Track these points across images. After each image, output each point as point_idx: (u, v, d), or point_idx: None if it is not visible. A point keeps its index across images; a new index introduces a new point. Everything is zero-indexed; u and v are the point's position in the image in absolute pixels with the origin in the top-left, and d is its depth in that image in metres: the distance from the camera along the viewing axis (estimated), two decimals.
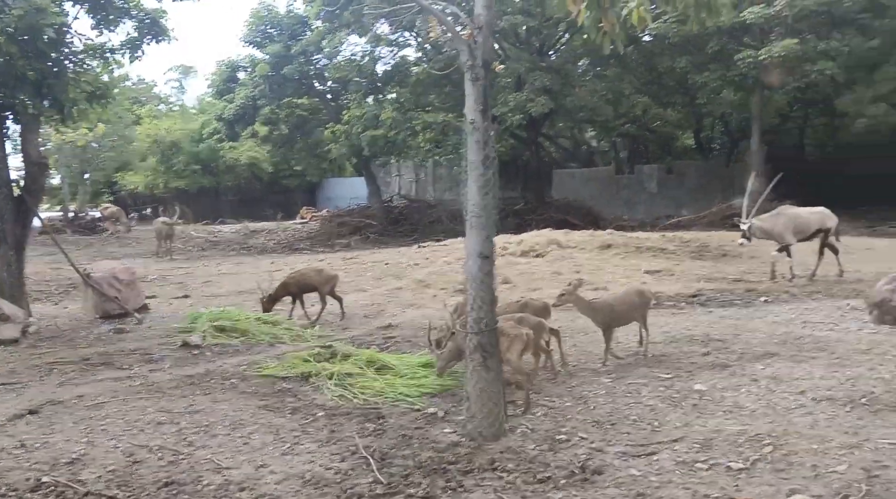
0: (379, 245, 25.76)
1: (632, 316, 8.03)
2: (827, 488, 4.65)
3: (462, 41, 5.66)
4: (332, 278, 11.24)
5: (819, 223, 13.69)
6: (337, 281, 11.35)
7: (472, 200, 5.76)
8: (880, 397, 6.26)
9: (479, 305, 5.76)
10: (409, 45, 28.81)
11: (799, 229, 13.53)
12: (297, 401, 6.98)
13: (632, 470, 5.11)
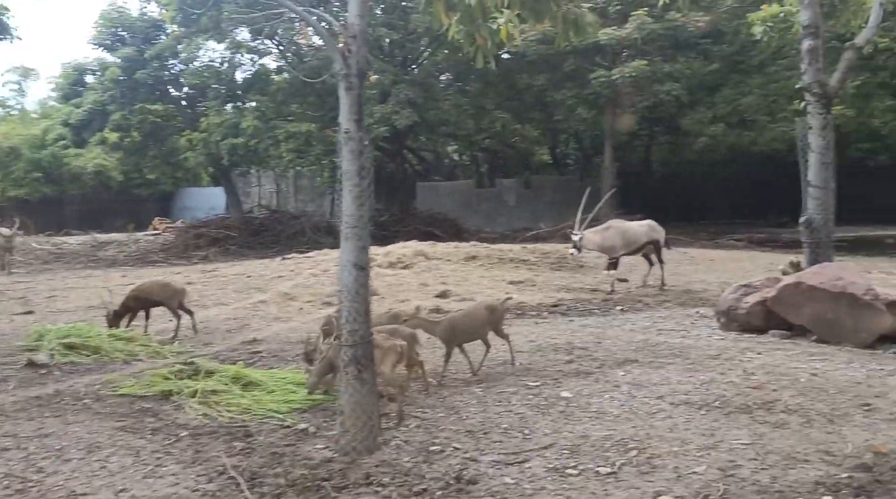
0: (240, 257, 25.07)
1: (480, 331, 7.92)
2: (688, 489, 4.86)
3: (336, 50, 5.59)
4: (178, 292, 10.74)
5: (647, 236, 14.24)
6: (185, 295, 10.86)
7: (346, 210, 5.69)
8: (731, 399, 6.63)
9: (353, 318, 5.69)
10: (270, 52, 28.28)
11: (628, 242, 14.01)
12: (158, 421, 6.65)
13: (505, 478, 5.17)
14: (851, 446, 5.48)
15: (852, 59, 9.84)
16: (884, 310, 8.56)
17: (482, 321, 7.93)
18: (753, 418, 6.19)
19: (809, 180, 9.58)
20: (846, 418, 6.11)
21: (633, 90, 24.62)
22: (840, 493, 4.72)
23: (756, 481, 4.93)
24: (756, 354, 8.21)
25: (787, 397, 6.62)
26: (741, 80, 24.47)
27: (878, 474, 4.99)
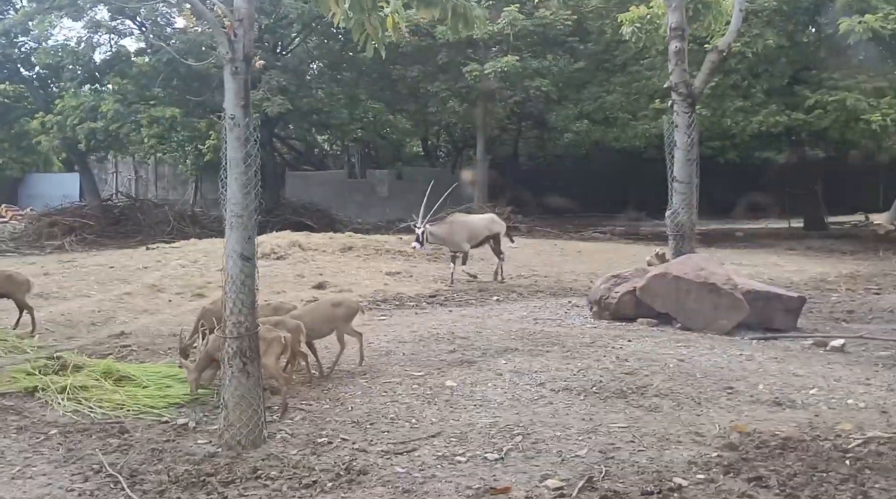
0: (99, 247, 23.84)
1: (327, 327, 7.70)
2: (573, 472, 5.04)
3: (222, 34, 5.42)
4: (24, 284, 10.11)
5: (488, 229, 14.45)
6: (29, 288, 10.23)
7: (232, 199, 5.54)
8: (607, 385, 6.91)
9: (239, 309, 5.56)
10: (131, 33, 27.01)
11: (471, 236, 14.16)
12: (23, 419, 6.27)
13: (396, 468, 5.19)
14: (718, 427, 5.83)
15: (715, 61, 10.43)
16: (741, 298, 9.14)
17: (327, 318, 7.71)
18: (628, 402, 6.48)
19: (675, 176, 10.10)
20: (712, 401, 6.48)
21: (504, 85, 25.10)
22: (711, 471, 5.00)
23: (635, 462, 5.16)
24: (627, 341, 8.58)
25: (658, 381, 6.96)
26: (606, 79, 25.41)
27: (743, 452, 5.32)
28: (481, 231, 14.31)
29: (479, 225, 14.40)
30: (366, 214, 33.94)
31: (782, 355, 8.14)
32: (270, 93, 22.86)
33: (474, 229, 14.23)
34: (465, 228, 14.05)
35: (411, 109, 28.04)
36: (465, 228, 14.05)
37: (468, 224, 14.26)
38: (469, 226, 14.20)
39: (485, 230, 14.35)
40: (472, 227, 14.23)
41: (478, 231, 14.27)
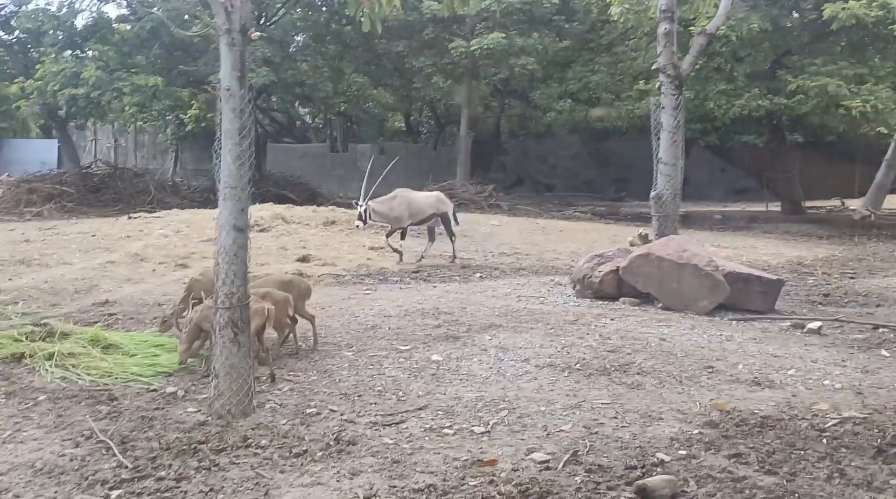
0: (78, 215, 23.64)
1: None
2: (558, 446, 5.15)
3: (219, 4, 5.42)
4: None
5: (434, 208, 14.06)
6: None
7: (225, 170, 5.57)
8: (590, 362, 7.03)
9: (231, 280, 5.59)
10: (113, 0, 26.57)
11: (414, 213, 13.82)
12: (11, 385, 6.29)
13: (384, 439, 5.28)
14: (699, 405, 5.97)
15: (703, 44, 10.52)
16: (722, 280, 9.29)
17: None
18: (612, 379, 6.60)
19: (660, 157, 10.20)
20: (693, 380, 6.62)
21: (489, 62, 25.06)
22: (693, 447, 5.13)
23: (618, 438, 5.29)
24: (610, 320, 8.71)
25: (641, 360, 7.09)
26: (591, 59, 25.42)
27: (723, 429, 5.46)
28: (425, 208, 13.96)
29: (423, 202, 14.06)
30: (347, 188, 33.80)
31: (761, 336, 8.30)
32: (255, 64, 22.67)
33: (417, 206, 13.89)
34: (406, 204, 13.71)
35: (396, 84, 27.90)
36: (406, 203, 13.72)
37: (411, 200, 13.88)
38: (411, 203, 13.84)
39: (429, 208, 14.01)
40: (414, 204, 13.88)
41: (421, 208, 13.93)
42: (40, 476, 4.61)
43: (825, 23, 20.02)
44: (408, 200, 13.78)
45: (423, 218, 14.01)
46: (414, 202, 13.88)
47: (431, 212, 13.99)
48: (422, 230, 15.12)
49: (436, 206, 14.09)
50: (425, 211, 13.93)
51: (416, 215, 13.84)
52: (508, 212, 24.40)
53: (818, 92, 20.01)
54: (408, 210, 13.66)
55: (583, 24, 25.80)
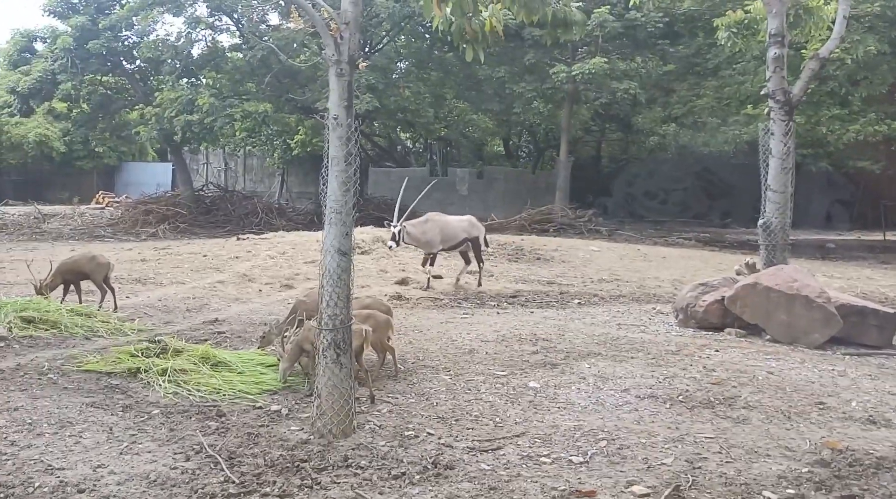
0: (190, 236, 24.73)
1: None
2: (659, 480, 5.04)
3: (329, 36, 5.61)
4: (104, 266, 10.62)
5: (466, 232, 13.59)
6: (110, 269, 10.73)
7: (332, 195, 5.73)
8: (694, 394, 6.86)
9: (335, 302, 5.74)
10: (227, 29, 27.77)
11: (447, 238, 13.33)
12: (128, 398, 6.61)
13: (481, 465, 5.29)
14: (809, 443, 5.73)
15: (815, 68, 10.18)
16: (835, 312, 8.91)
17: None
18: (716, 413, 6.42)
19: (769, 184, 9.90)
20: (802, 416, 6.37)
21: (591, 86, 24.93)
22: (802, 486, 4.94)
23: (722, 474, 5.14)
24: (714, 351, 8.48)
25: (747, 393, 6.87)
26: (696, 82, 24.96)
27: (835, 469, 5.23)
28: (458, 233, 13.47)
29: (455, 227, 13.53)
30: (444, 211, 34.08)
31: (876, 373, 7.92)
32: (360, 91, 23.25)
33: (450, 231, 13.39)
34: (439, 229, 13.23)
35: (496, 109, 28.06)
36: (438, 228, 13.23)
37: (443, 225, 13.37)
38: (444, 227, 13.33)
39: (462, 233, 13.51)
40: (447, 228, 13.37)
41: (454, 233, 13.43)
42: (154, 488, 4.82)
43: None
44: (440, 224, 13.37)
45: (454, 243, 13.54)
46: (447, 227, 13.42)
47: (464, 237, 13.56)
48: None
49: (468, 230, 13.66)
50: (458, 236, 13.50)
51: (448, 241, 13.37)
52: (608, 237, 24.10)
53: None
54: (440, 235, 13.21)
55: (688, 48, 25.36)
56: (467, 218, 14.02)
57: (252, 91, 27.68)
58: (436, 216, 13.58)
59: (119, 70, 29.27)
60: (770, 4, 9.74)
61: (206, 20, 25.72)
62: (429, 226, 13.19)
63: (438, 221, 13.43)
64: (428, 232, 13.11)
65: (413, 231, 12.95)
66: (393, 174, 38.68)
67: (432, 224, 13.25)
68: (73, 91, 28.39)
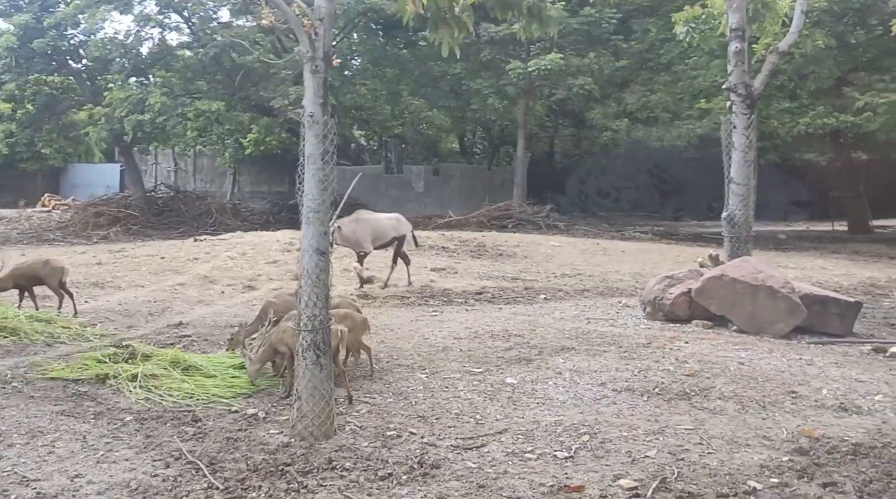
0: (143, 238, 24.23)
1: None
2: (644, 472, 5.07)
3: (303, 32, 5.52)
4: (59, 270, 10.32)
5: (395, 230, 13.17)
6: (65, 273, 10.42)
7: (309, 194, 5.65)
8: (669, 386, 6.92)
9: (314, 302, 5.66)
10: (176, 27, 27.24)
11: (378, 236, 12.90)
12: (98, 405, 6.44)
13: (467, 463, 5.26)
14: (786, 431, 5.82)
15: (775, 62, 10.36)
16: (799, 302, 9.08)
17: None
18: (692, 404, 6.49)
19: (732, 177, 10.04)
20: (776, 405, 6.47)
21: (547, 83, 25.06)
22: (784, 475, 5.01)
23: (706, 465, 5.19)
24: (684, 343, 8.57)
25: (721, 384, 6.96)
26: (650, 78, 25.27)
27: (814, 457, 5.32)
28: (388, 231, 13.05)
29: (386, 225, 13.11)
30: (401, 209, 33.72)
31: (842, 360, 8.08)
32: None
33: (381, 229, 12.95)
34: (370, 228, 12.76)
35: (452, 106, 28.05)
36: (370, 227, 12.75)
37: (374, 223, 12.91)
38: (375, 225, 12.86)
39: (392, 231, 13.10)
40: (378, 226, 12.92)
41: (385, 231, 13.01)
42: (135, 496, 4.70)
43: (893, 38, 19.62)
44: (371, 222, 12.86)
45: (385, 242, 13.12)
46: (378, 225, 12.97)
47: (393, 235, 13.11)
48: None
49: (397, 228, 13.22)
50: (388, 234, 13.05)
51: (379, 239, 12.92)
52: (567, 232, 24.27)
53: (887, 108, 19.55)
54: (371, 233, 12.73)
55: (641, 44, 25.65)
56: (395, 215, 13.62)
57: (204, 89, 27.26)
58: (366, 214, 13.11)
59: (65, 69, 28.54)
60: (731, 0, 9.89)
61: (156, 17, 25.21)
62: (360, 225, 12.66)
63: (369, 219, 12.96)
64: (359, 231, 12.59)
65: (345, 230, 12.40)
66: (348, 172, 38.34)
67: (363, 223, 12.75)
68: (18, 91, 27.63)
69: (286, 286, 13.11)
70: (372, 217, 13.04)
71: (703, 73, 23.25)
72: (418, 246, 14.23)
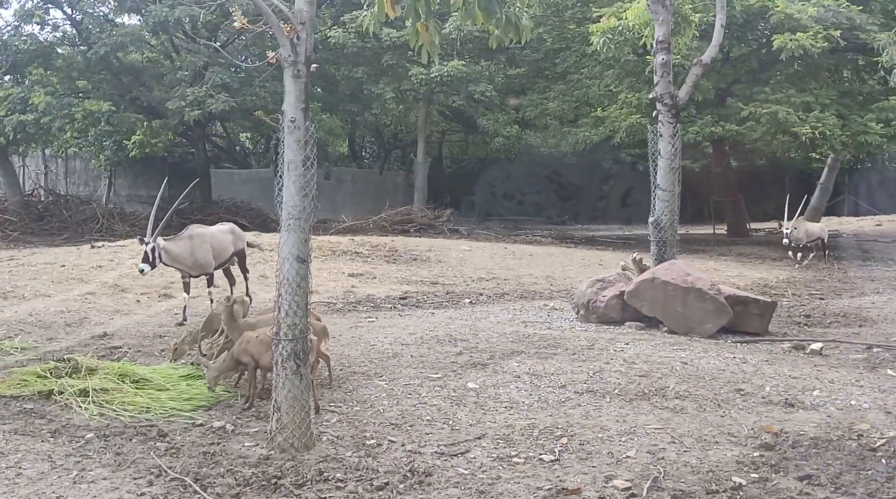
0: (24, 244, 22.79)
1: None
2: (632, 472, 5.23)
3: (284, 36, 5.41)
4: None
5: (234, 245, 11.50)
6: None
7: (289, 201, 5.54)
8: (627, 387, 7.15)
9: (294, 311, 5.55)
10: (62, 24, 25.82)
11: (219, 253, 11.04)
12: (51, 423, 6.09)
13: (458, 469, 5.29)
14: (746, 428, 6.12)
15: (699, 74, 10.89)
16: (725, 303, 9.56)
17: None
18: (653, 404, 6.73)
19: (658, 184, 10.47)
20: (729, 403, 6.79)
21: (448, 89, 25.29)
22: (760, 470, 5.27)
23: (686, 462, 5.40)
24: (624, 344, 8.85)
25: (673, 384, 7.24)
26: (546, 86, 25.90)
27: (781, 451, 5.63)
28: (227, 246, 11.28)
29: (224, 239, 11.28)
30: None
31: (770, 358, 8.55)
32: (214, 90, 22.37)
33: (220, 244, 11.11)
34: (209, 244, 10.79)
35: (353, 110, 27.88)
36: (208, 243, 10.79)
37: (212, 238, 10.97)
38: (213, 240, 10.96)
39: (231, 246, 11.37)
40: (217, 241, 11.04)
41: (225, 246, 11.20)
42: None
43: (771, 52, 20.95)
44: (208, 237, 10.92)
45: (226, 259, 11.27)
46: (216, 240, 11.07)
47: (233, 250, 11.43)
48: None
49: (235, 242, 11.53)
50: (228, 249, 11.29)
51: (220, 255, 11.07)
52: (468, 237, 24.50)
53: (769, 118, 20.78)
54: (209, 249, 10.80)
55: (536, 52, 26.28)
56: (229, 226, 11.87)
57: (87, 89, 25.99)
58: (199, 229, 11.12)
59: None
60: (657, 13, 10.33)
61: (39, 14, 23.81)
62: (197, 242, 10.66)
63: (204, 233, 10.97)
64: (197, 249, 10.62)
65: (175, 249, 10.36)
66: (236, 176, 37.46)
67: (200, 239, 10.73)
68: None
69: (204, 294, 12.73)
70: (208, 231, 11.16)
71: (597, 83, 24.05)
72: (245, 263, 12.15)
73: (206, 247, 10.76)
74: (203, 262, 10.67)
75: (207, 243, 10.81)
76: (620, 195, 37.43)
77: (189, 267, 10.61)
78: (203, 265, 10.71)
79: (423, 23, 5.66)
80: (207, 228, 11.37)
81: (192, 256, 10.56)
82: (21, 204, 27.34)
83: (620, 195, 37.43)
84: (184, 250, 10.49)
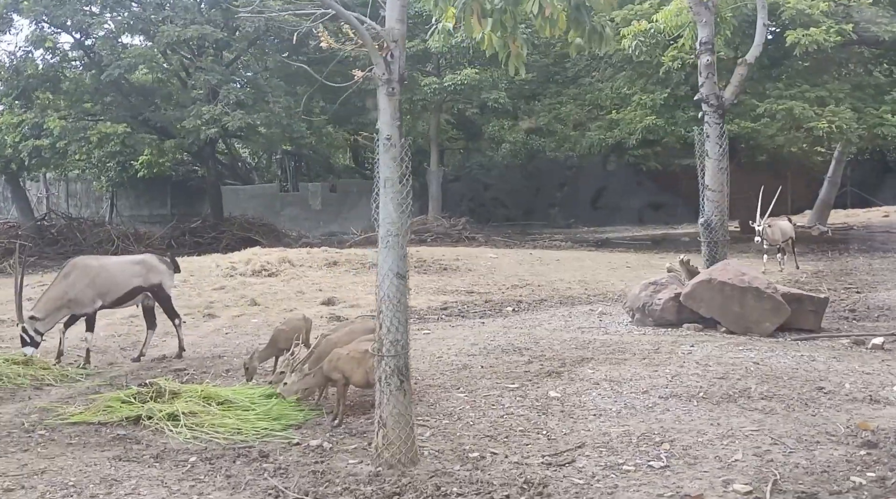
0: (42, 269, 22.66)
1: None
2: (746, 475, 5.23)
3: (378, 55, 5.43)
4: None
5: (140, 278, 9.62)
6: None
7: (387, 218, 5.55)
8: (710, 390, 7.14)
9: (395, 327, 5.57)
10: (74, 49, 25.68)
11: (106, 290, 9.34)
12: (148, 448, 6.07)
13: (572, 479, 5.28)
14: (842, 426, 6.12)
15: (744, 73, 10.93)
16: (783, 302, 9.58)
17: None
18: (741, 406, 6.72)
19: (707, 184, 10.51)
20: (815, 402, 6.79)
21: (460, 97, 25.36)
22: (873, 468, 5.28)
23: (796, 464, 5.40)
24: (689, 346, 8.83)
25: (753, 385, 7.24)
26: (558, 91, 25.97)
27: (888, 449, 5.63)
28: (126, 281, 9.54)
29: (119, 272, 9.61)
30: (298, 226, 33.38)
31: (836, 355, 8.53)
32: (230, 107, 22.38)
33: (108, 279, 9.41)
34: (89, 280, 9.23)
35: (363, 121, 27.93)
36: (88, 278, 9.23)
37: (96, 273, 9.34)
38: (98, 276, 9.32)
39: (130, 280, 9.57)
40: (104, 276, 9.37)
41: (117, 281, 9.48)
42: None
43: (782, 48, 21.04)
44: (92, 272, 9.32)
45: (120, 295, 9.51)
46: (103, 275, 9.39)
47: (135, 284, 9.60)
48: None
49: (143, 275, 9.66)
50: (124, 285, 9.52)
51: (108, 294, 9.37)
52: (485, 244, 24.49)
53: (784, 114, 20.86)
54: (92, 288, 9.21)
55: (546, 58, 26.35)
56: (141, 258, 10.16)
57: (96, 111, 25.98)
58: (85, 261, 9.61)
59: None
60: (700, 14, 10.38)
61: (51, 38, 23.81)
62: (74, 279, 9.17)
63: (87, 267, 9.38)
64: (75, 286, 9.12)
65: (53, 292, 9.07)
66: (241, 192, 37.40)
67: (79, 274, 9.22)
68: None
69: (247, 312, 12.78)
70: (94, 264, 9.55)
71: (609, 86, 24.14)
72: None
73: (84, 283, 9.20)
74: (76, 298, 9.10)
75: (88, 279, 9.24)
76: (627, 196, 37.39)
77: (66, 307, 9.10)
78: (78, 302, 9.12)
79: (510, 35, 5.70)
80: (97, 260, 9.93)
81: (66, 294, 9.07)
82: (34, 229, 27.31)
83: (627, 196, 37.39)
84: (59, 292, 9.06)
